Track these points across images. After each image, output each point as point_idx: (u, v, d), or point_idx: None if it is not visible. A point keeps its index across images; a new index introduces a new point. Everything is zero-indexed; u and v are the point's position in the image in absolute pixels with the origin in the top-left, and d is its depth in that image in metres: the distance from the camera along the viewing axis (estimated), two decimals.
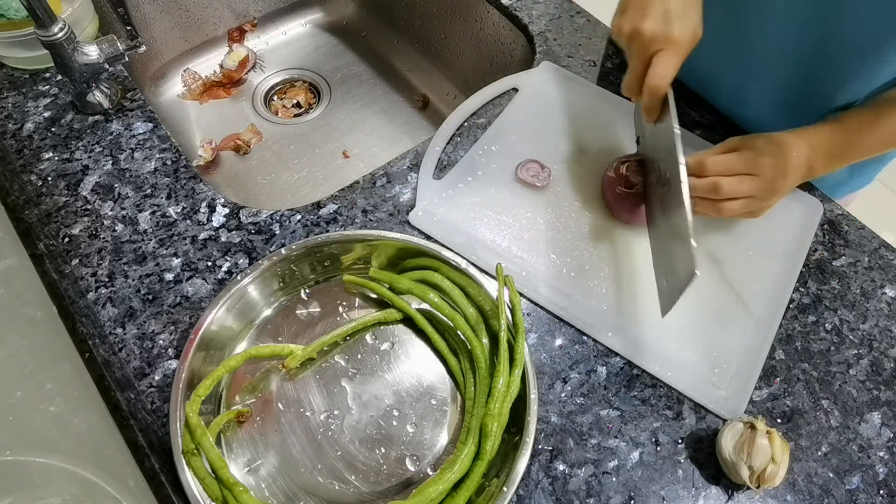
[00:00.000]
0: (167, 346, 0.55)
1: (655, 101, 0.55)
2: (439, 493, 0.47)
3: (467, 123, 0.73)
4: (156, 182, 0.66)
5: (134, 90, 0.73)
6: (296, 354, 0.54)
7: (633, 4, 0.54)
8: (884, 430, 0.56)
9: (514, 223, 0.64)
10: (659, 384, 0.56)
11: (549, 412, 0.54)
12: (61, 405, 0.51)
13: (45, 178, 0.65)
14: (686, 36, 0.53)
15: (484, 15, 0.90)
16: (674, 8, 0.53)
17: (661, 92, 0.54)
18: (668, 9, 0.53)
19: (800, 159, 0.57)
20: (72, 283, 0.58)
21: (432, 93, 1.02)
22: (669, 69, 0.53)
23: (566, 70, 0.78)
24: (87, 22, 0.75)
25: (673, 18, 0.53)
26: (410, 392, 0.55)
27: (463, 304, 0.57)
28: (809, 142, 0.58)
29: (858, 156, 0.59)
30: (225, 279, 0.59)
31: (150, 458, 0.49)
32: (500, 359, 0.51)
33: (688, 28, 0.53)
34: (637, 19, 0.53)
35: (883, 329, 0.61)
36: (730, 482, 0.52)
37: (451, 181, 0.67)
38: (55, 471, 0.45)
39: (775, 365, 0.58)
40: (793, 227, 0.66)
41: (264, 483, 0.51)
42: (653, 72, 0.53)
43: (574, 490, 0.51)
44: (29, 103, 0.71)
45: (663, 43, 0.53)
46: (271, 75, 1.03)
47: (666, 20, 0.53)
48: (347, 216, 0.64)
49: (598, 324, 0.59)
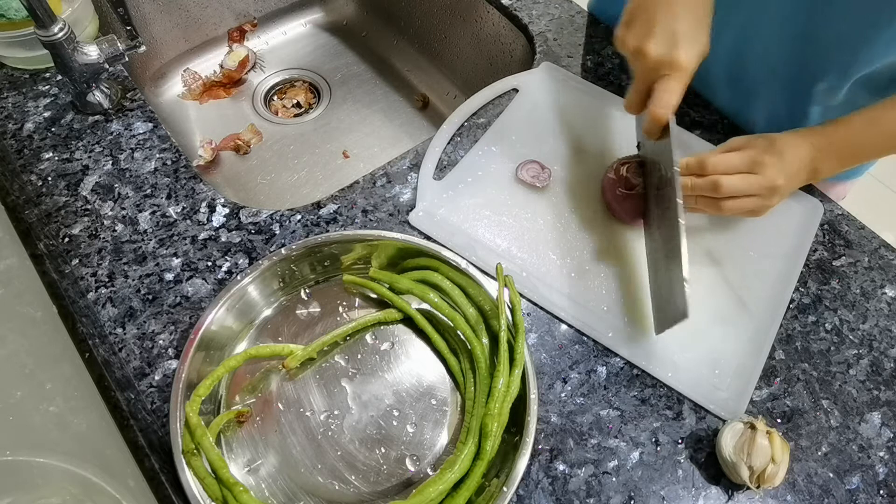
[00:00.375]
0: (167, 346, 0.55)
1: (657, 129, 0.54)
2: (439, 493, 0.47)
3: (467, 124, 0.73)
4: (156, 182, 0.66)
5: (134, 90, 0.73)
6: (296, 354, 0.54)
7: (640, 19, 0.52)
8: (884, 430, 0.56)
9: (514, 224, 0.64)
10: (659, 384, 0.56)
11: (549, 412, 0.54)
12: (61, 405, 0.51)
13: (45, 178, 0.65)
14: (692, 62, 0.51)
15: (484, 15, 0.90)
16: (681, 29, 0.50)
17: (664, 121, 0.53)
18: (676, 30, 0.50)
19: (802, 160, 0.57)
20: (72, 283, 0.58)
21: (432, 93, 1.02)
22: (673, 98, 0.52)
23: (566, 70, 0.78)
24: (87, 22, 0.75)
25: (680, 41, 0.50)
26: (410, 392, 0.55)
27: (463, 304, 0.57)
28: (812, 141, 0.57)
29: (865, 156, 0.59)
30: (225, 279, 0.59)
31: (150, 458, 0.49)
32: (500, 359, 0.51)
33: (694, 53, 0.51)
34: (642, 38, 0.51)
35: (883, 329, 0.61)
36: (730, 482, 0.52)
37: (451, 182, 0.67)
38: (55, 471, 0.45)
39: (775, 365, 0.58)
40: (793, 227, 0.66)
41: (264, 483, 0.51)
42: (656, 100, 0.52)
43: (574, 490, 0.51)
44: (29, 103, 0.71)
45: (668, 69, 0.51)
46: (271, 75, 1.03)
47: (672, 43, 0.50)
48: (347, 216, 0.64)
49: (598, 324, 0.59)
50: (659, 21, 0.51)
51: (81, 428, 0.51)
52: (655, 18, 0.51)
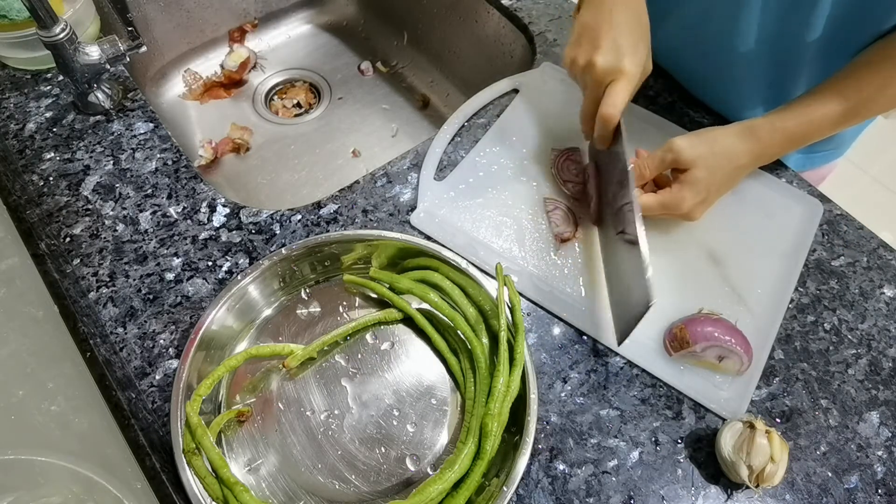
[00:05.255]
0: (168, 346, 0.56)
1: (608, 131, 0.58)
2: (439, 493, 0.47)
3: (468, 124, 0.73)
4: (157, 182, 0.66)
5: (135, 90, 0.73)
6: (296, 354, 0.55)
7: (586, 38, 0.58)
8: (882, 430, 0.56)
9: (514, 224, 0.65)
10: (658, 384, 0.56)
11: (549, 412, 0.55)
12: (63, 404, 0.51)
13: (47, 178, 0.65)
14: (636, 69, 0.57)
15: (484, 15, 0.90)
16: (624, 42, 0.56)
17: (614, 121, 0.57)
18: (620, 43, 0.56)
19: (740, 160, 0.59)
20: (73, 283, 0.58)
21: (432, 93, 1.03)
22: (621, 99, 0.56)
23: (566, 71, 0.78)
24: (88, 22, 0.75)
25: (624, 52, 0.56)
26: (410, 392, 0.55)
27: (463, 304, 0.57)
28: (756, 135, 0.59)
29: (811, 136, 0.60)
30: (225, 279, 0.59)
31: (151, 458, 0.50)
32: (500, 358, 0.51)
33: (637, 62, 0.57)
34: (590, 52, 0.57)
35: (881, 329, 0.61)
36: (729, 481, 0.52)
37: (452, 182, 0.67)
38: (56, 469, 0.45)
39: (774, 364, 0.58)
40: (793, 227, 0.67)
41: (265, 482, 0.51)
42: (606, 101, 0.57)
43: (574, 489, 0.51)
44: (31, 104, 0.71)
45: (615, 74, 0.56)
46: (272, 75, 1.03)
47: (617, 54, 0.56)
48: (348, 216, 0.64)
49: (599, 324, 0.59)
50: (604, 37, 0.56)
51: (83, 427, 0.51)
52: (600, 36, 0.57)
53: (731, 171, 0.60)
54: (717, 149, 0.59)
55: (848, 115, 0.58)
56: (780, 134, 0.59)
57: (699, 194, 0.59)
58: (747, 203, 0.67)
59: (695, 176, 0.58)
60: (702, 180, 0.58)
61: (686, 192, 0.59)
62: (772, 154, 0.61)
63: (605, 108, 0.57)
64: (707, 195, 0.59)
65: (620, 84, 0.56)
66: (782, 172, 0.71)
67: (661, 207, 0.59)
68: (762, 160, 0.61)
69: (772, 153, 0.61)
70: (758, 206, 0.67)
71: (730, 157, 0.59)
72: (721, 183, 0.60)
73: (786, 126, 0.59)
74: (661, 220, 0.63)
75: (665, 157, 0.59)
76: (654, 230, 0.64)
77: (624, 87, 0.56)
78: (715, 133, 0.60)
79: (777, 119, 0.59)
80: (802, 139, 0.59)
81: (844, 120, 0.58)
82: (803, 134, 0.59)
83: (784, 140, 0.59)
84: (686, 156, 0.58)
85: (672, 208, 0.59)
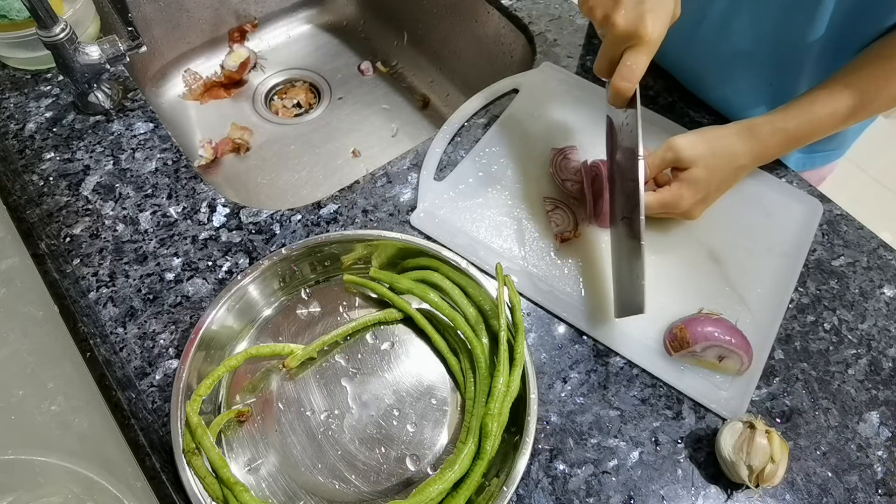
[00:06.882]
0: (168, 346, 0.56)
1: (621, 100, 0.55)
2: (439, 493, 0.47)
3: (467, 124, 0.73)
4: (156, 182, 0.66)
5: (135, 90, 0.73)
6: (296, 354, 0.55)
7: None
8: (882, 430, 0.56)
9: (514, 224, 0.65)
10: (659, 384, 0.56)
11: (549, 412, 0.55)
12: (62, 404, 0.51)
13: (47, 178, 0.65)
14: (657, 32, 0.51)
15: (484, 15, 0.90)
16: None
17: (628, 95, 0.53)
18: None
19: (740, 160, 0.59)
20: (73, 283, 0.58)
21: (432, 93, 1.03)
22: (637, 71, 0.52)
23: (566, 71, 0.78)
24: (88, 22, 0.75)
25: (646, 11, 0.50)
26: (410, 392, 0.55)
27: (463, 304, 0.57)
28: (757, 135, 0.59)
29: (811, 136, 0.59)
30: (225, 279, 0.59)
31: (151, 458, 0.50)
32: (500, 358, 0.51)
33: (660, 24, 0.51)
34: (610, 7, 0.51)
35: (881, 329, 0.61)
36: (729, 481, 0.52)
37: (452, 183, 0.67)
38: (56, 469, 0.45)
39: (774, 364, 0.58)
40: (793, 227, 0.66)
41: (265, 482, 0.51)
42: (622, 72, 0.52)
43: (574, 489, 0.51)
44: (31, 104, 0.71)
45: (635, 40, 0.51)
46: (272, 75, 1.03)
47: (639, 14, 0.50)
48: (348, 216, 0.64)
49: (599, 324, 0.59)
50: None
51: (83, 427, 0.51)
52: None
53: (730, 170, 0.59)
54: (718, 148, 0.59)
55: (848, 114, 0.58)
56: (780, 133, 0.59)
57: (699, 193, 0.59)
58: (747, 203, 0.67)
59: (694, 175, 0.58)
60: (701, 179, 0.58)
61: (685, 191, 0.59)
62: (772, 154, 0.61)
63: (620, 82, 0.52)
64: (707, 194, 0.59)
65: (639, 54, 0.51)
66: (782, 172, 0.71)
67: (660, 206, 0.59)
68: (762, 160, 0.61)
69: (772, 153, 0.61)
70: (758, 206, 0.67)
71: (730, 156, 0.59)
72: (721, 182, 0.60)
73: (786, 126, 0.59)
74: (661, 219, 0.63)
75: (665, 156, 0.59)
76: (655, 230, 0.64)
77: (643, 57, 0.51)
78: (715, 132, 0.60)
79: (777, 119, 0.59)
80: (803, 139, 0.59)
81: (845, 119, 0.58)
82: (804, 133, 0.59)
83: (784, 140, 0.59)
84: (686, 155, 0.58)
85: (671, 207, 0.59)
